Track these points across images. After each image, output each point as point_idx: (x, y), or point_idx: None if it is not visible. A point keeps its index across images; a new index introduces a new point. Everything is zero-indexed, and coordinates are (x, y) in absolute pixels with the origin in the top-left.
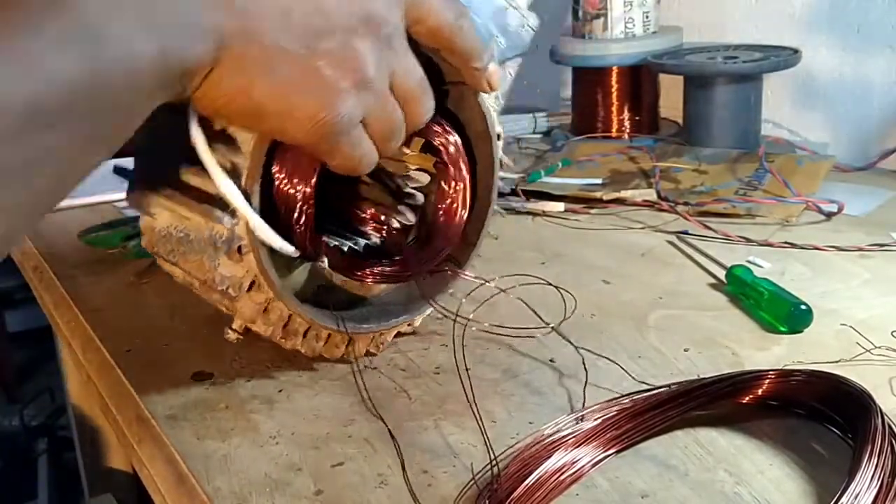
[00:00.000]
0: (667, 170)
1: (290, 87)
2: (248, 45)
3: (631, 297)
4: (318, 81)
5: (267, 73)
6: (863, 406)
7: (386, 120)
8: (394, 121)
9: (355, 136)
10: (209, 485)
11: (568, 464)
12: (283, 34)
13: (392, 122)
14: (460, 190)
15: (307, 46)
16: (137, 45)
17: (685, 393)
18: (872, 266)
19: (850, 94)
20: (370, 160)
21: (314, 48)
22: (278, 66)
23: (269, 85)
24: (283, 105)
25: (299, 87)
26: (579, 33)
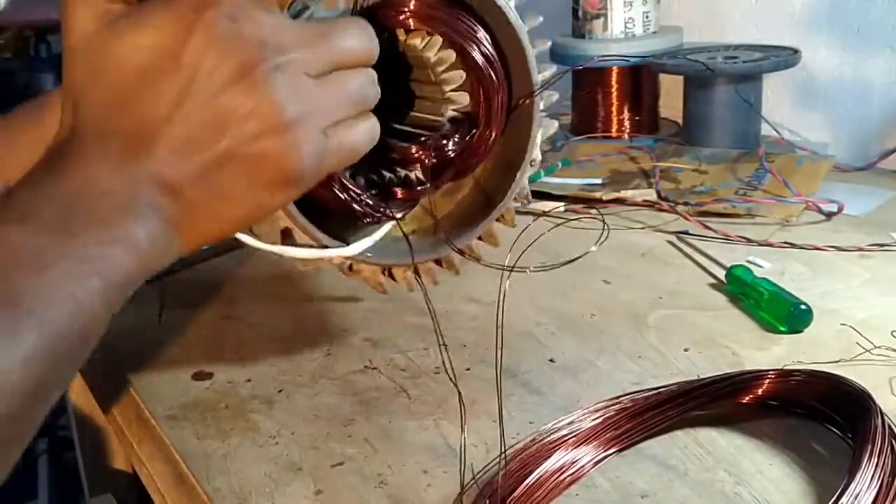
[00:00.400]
0: (667, 170)
1: (242, 186)
2: (180, 198)
3: (631, 297)
4: (257, 161)
5: (213, 199)
6: (863, 406)
7: (341, 108)
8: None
9: (333, 143)
10: (209, 485)
11: (568, 464)
12: (195, 166)
13: (347, 104)
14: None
15: (221, 150)
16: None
17: (685, 393)
18: (872, 266)
19: (850, 94)
20: (367, 136)
21: (226, 146)
22: (217, 186)
23: (225, 204)
24: (254, 200)
25: (250, 179)
26: (579, 33)
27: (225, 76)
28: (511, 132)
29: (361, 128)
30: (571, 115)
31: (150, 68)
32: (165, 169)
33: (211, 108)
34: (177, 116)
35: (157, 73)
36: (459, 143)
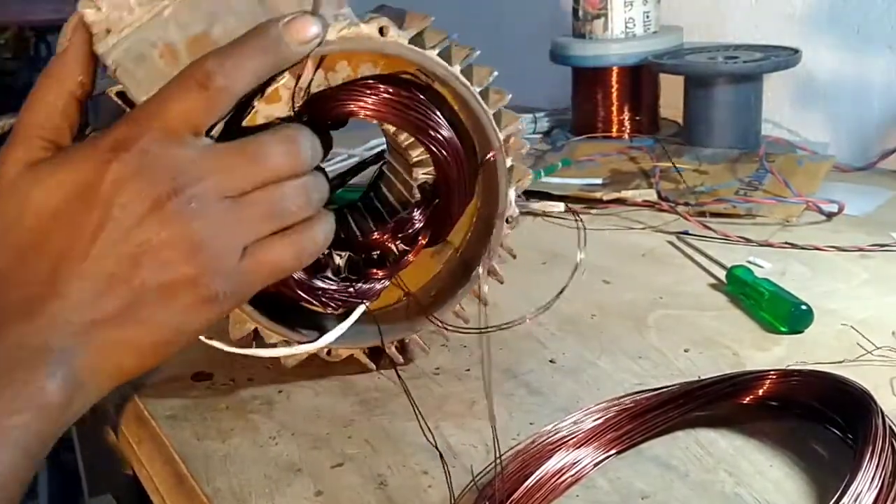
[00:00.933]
0: (667, 170)
1: (160, 316)
2: (96, 337)
3: (631, 297)
4: (172, 290)
5: (131, 333)
6: (863, 406)
7: (262, 226)
8: (269, 218)
9: (251, 264)
10: (209, 485)
11: (568, 464)
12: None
13: (268, 221)
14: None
15: (136, 284)
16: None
17: (685, 393)
18: (872, 266)
19: (850, 94)
20: (292, 252)
21: (141, 279)
22: (134, 319)
23: (144, 336)
24: (174, 327)
25: (166, 309)
26: (579, 33)
27: (139, 210)
28: (486, 194)
29: (285, 245)
30: (571, 115)
31: (66, 208)
32: (80, 311)
33: (126, 242)
34: (92, 253)
35: (72, 212)
36: (425, 212)
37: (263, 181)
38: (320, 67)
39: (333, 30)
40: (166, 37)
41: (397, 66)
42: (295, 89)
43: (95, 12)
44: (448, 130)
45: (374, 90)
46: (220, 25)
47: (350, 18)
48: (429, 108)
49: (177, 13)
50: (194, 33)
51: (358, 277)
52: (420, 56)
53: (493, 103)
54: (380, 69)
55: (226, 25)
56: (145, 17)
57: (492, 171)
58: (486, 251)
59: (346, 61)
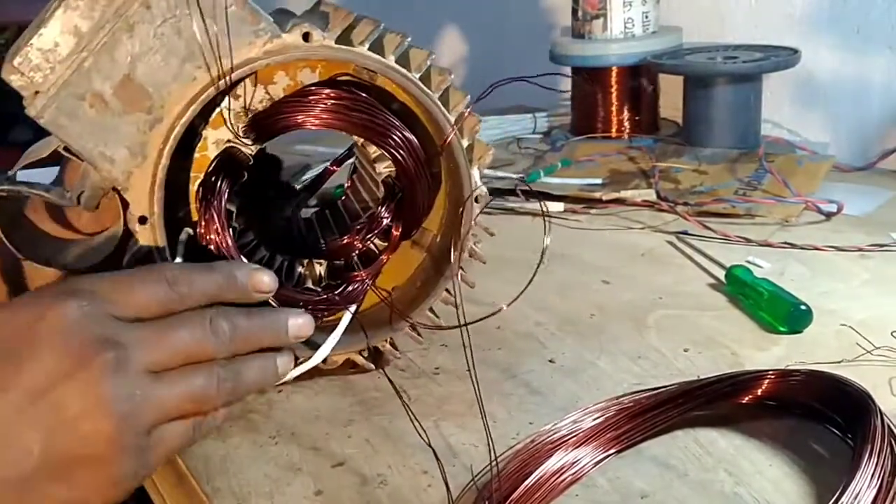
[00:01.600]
0: (667, 170)
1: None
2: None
3: (631, 297)
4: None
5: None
6: (862, 406)
7: (176, 406)
8: (187, 399)
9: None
10: (208, 485)
11: (568, 464)
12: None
13: (184, 401)
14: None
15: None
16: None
17: (685, 393)
18: (872, 266)
19: (850, 94)
20: (184, 439)
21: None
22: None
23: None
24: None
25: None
26: (579, 33)
27: (63, 366)
28: (452, 176)
29: (187, 425)
30: (571, 115)
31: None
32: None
33: (41, 399)
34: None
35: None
36: (391, 207)
37: (186, 359)
38: (258, 83)
39: (256, 45)
40: (92, 87)
41: (336, 68)
42: (231, 111)
43: (20, 77)
44: (397, 125)
45: (315, 98)
46: (143, 65)
47: (271, 31)
48: (373, 106)
49: (97, 63)
50: (119, 78)
51: (340, 282)
52: (350, 54)
53: (436, 86)
54: (318, 73)
55: (149, 64)
56: (67, 74)
57: (451, 153)
58: (458, 236)
59: (284, 72)
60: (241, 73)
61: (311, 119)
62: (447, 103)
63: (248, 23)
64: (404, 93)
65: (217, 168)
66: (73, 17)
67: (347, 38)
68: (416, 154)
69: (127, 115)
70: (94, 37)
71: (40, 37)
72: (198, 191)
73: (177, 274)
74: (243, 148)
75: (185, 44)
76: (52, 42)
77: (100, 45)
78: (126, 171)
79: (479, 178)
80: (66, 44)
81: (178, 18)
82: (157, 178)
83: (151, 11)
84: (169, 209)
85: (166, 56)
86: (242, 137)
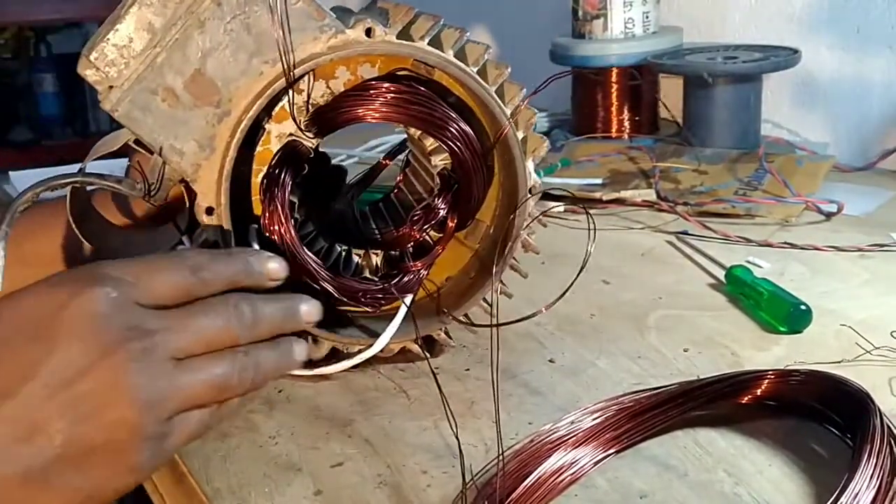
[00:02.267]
0: (667, 170)
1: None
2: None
3: (631, 297)
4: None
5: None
6: (862, 406)
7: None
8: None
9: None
10: (208, 485)
11: (567, 464)
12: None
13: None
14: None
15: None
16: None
17: (685, 393)
18: (872, 266)
19: (850, 94)
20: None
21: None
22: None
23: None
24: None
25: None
26: (579, 34)
27: (90, 356)
28: (506, 168)
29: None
30: (571, 116)
31: (19, 329)
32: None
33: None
34: (22, 392)
35: (20, 338)
36: (447, 198)
37: (209, 345)
38: (319, 78)
39: (320, 41)
40: (164, 82)
41: (394, 63)
42: (294, 105)
43: (95, 72)
44: (455, 118)
45: (376, 92)
46: (213, 60)
47: (335, 27)
48: (432, 99)
49: (169, 58)
50: (189, 73)
51: (396, 272)
52: (411, 49)
53: (493, 80)
54: (378, 68)
55: (219, 59)
56: (141, 69)
57: (506, 145)
58: (512, 226)
59: (345, 67)
60: (305, 67)
61: (371, 112)
62: (503, 96)
63: (314, 18)
64: (461, 86)
65: (280, 161)
66: (147, 13)
67: (407, 34)
68: (472, 146)
69: (197, 109)
70: (167, 33)
71: (116, 32)
72: (261, 183)
73: (199, 260)
74: (305, 141)
75: (253, 39)
76: (127, 38)
77: (172, 41)
78: (195, 164)
79: (533, 170)
80: (140, 40)
81: (248, 15)
82: (225, 170)
83: (222, 8)
84: (232, 201)
85: (235, 51)
86: (305, 131)
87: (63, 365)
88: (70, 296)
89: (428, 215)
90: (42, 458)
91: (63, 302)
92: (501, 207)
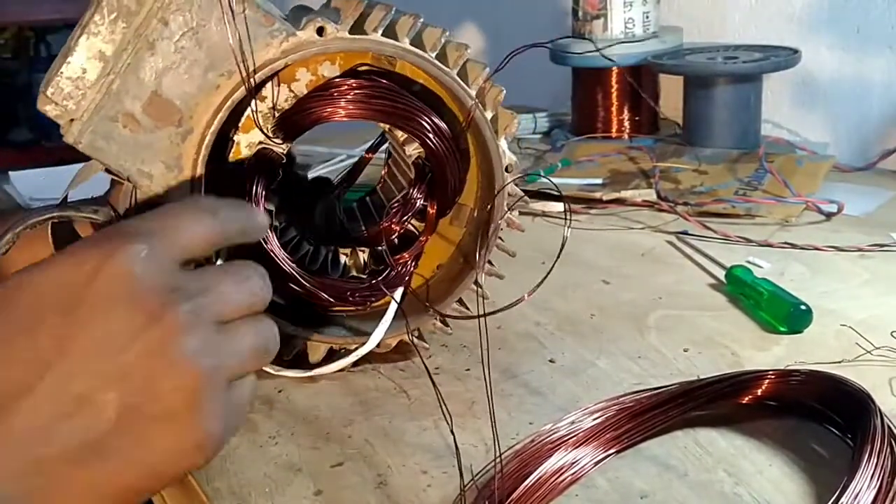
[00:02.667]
0: (667, 170)
1: (137, 453)
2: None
3: (631, 297)
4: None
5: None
6: (862, 406)
7: (247, 360)
8: (254, 352)
9: (238, 397)
10: (208, 485)
11: (567, 464)
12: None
13: (252, 356)
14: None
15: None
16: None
17: (685, 393)
18: (872, 266)
19: (850, 94)
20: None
21: (122, 404)
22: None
23: (109, 475)
24: (149, 468)
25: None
26: (579, 34)
27: (135, 322)
28: (481, 149)
29: (251, 385)
30: (571, 115)
31: (47, 303)
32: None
33: (112, 358)
34: (59, 368)
35: (49, 313)
36: (422, 187)
37: (248, 310)
38: (281, 83)
39: (273, 46)
40: (123, 108)
41: (354, 59)
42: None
43: (54, 107)
44: (419, 107)
45: (338, 91)
46: (168, 80)
47: (286, 30)
48: (394, 91)
49: (124, 84)
50: (147, 96)
51: (384, 268)
52: (365, 43)
53: (454, 62)
54: (338, 65)
55: (174, 78)
56: (98, 97)
57: (476, 127)
58: (493, 208)
59: (304, 68)
60: (262, 74)
61: (337, 111)
62: (466, 78)
63: (263, 25)
64: (423, 73)
65: (251, 170)
66: (97, 42)
67: (361, 28)
68: (441, 133)
69: (159, 131)
70: (119, 59)
71: (68, 65)
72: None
73: (210, 203)
74: (275, 147)
75: (205, 54)
76: (80, 69)
77: (125, 67)
78: (165, 185)
79: (507, 148)
80: (93, 69)
81: (196, 30)
82: (195, 187)
83: (169, 27)
84: None
85: (189, 68)
86: (273, 137)
87: (105, 335)
88: (100, 260)
89: (406, 206)
90: (95, 431)
91: (93, 268)
92: (482, 189)
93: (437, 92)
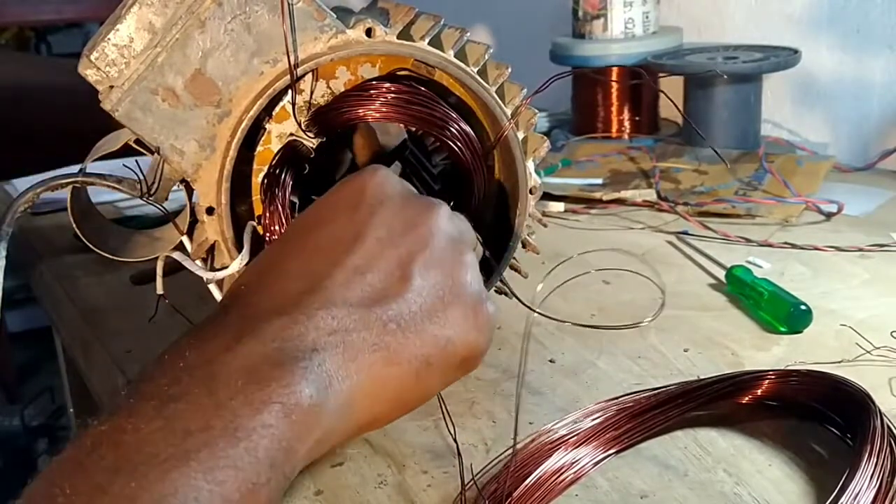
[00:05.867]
0: (667, 170)
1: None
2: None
3: (631, 297)
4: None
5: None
6: (862, 406)
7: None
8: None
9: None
10: None
11: (567, 464)
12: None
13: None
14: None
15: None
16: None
17: (685, 393)
18: (872, 266)
19: (850, 94)
20: None
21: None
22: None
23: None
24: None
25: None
26: (579, 34)
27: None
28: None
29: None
30: (571, 115)
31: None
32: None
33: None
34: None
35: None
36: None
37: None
38: (320, 78)
39: (321, 41)
40: (165, 82)
41: (395, 63)
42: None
43: (96, 72)
44: (455, 118)
45: (376, 92)
46: (213, 60)
47: (336, 26)
48: (432, 99)
49: (170, 58)
50: (190, 73)
51: None
52: (411, 49)
53: (494, 80)
54: (378, 68)
55: (219, 59)
56: (141, 69)
57: (507, 146)
58: (515, 228)
59: (345, 67)
60: (305, 67)
61: (372, 112)
62: (503, 97)
63: (314, 18)
64: (461, 87)
65: (280, 161)
66: (148, 13)
67: (408, 34)
68: (473, 146)
69: (197, 109)
70: (168, 33)
71: (116, 32)
72: (262, 183)
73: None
74: (305, 141)
75: (254, 39)
76: (128, 38)
77: (173, 41)
78: (195, 164)
79: (534, 170)
80: (141, 39)
81: (248, 15)
82: (225, 170)
83: (223, 8)
84: (231, 201)
85: (236, 51)
86: (305, 131)
87: (389, 220)
88: (365, 179)
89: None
90: (408, 312)
91: (361, 183)
92: (501, 207)
93: (471, 107)
